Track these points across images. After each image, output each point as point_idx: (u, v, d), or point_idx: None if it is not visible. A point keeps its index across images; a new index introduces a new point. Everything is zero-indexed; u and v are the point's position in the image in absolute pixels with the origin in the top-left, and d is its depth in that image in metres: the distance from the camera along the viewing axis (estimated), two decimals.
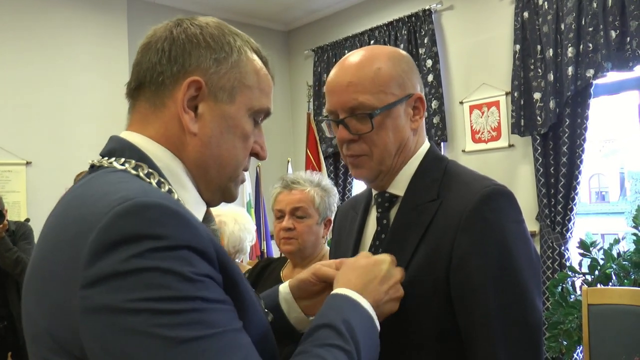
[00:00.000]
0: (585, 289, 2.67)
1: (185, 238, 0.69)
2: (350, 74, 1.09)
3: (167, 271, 0.66)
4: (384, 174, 1.12)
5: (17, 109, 4.64)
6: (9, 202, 4.25)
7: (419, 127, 1.14)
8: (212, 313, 0.68)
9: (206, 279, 0.70)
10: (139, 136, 0.85)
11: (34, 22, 4.74)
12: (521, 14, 3.98)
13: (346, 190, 5.22)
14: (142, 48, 0.89)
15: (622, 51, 3.47)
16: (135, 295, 0.64)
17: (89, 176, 0.82)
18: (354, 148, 1.10)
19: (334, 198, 2.01)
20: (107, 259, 0.66)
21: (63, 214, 0.76)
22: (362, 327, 0.88)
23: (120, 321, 0.64)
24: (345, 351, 0.82)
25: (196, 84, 0.83)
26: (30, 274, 0.78)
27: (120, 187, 0.73)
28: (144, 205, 0.69)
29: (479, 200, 1.00)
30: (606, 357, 2.46)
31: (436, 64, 4.52)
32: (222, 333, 0.68)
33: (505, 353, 0.98)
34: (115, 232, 0.67)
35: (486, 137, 4.30)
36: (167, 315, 0.65)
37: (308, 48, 5.57)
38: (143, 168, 0.81)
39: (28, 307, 0.77)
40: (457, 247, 1.00)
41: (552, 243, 3.78)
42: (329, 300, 0.93)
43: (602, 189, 10.87)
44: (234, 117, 0.86)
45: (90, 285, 0.66)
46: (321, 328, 0.85)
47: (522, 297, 0.99)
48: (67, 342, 0.69)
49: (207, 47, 0.85)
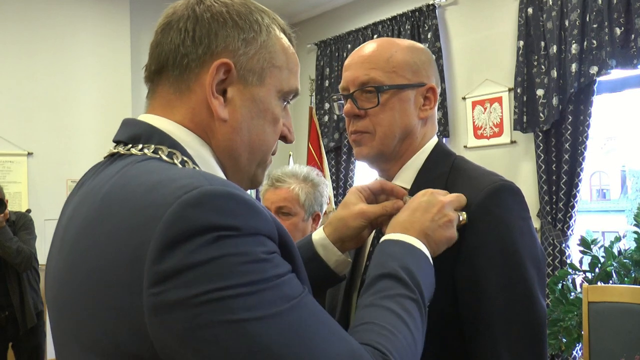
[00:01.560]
0: (585, 287, 2.67)
1: (255, 225, 0.66)
2: (368, 54, 1.12)
3: (240, 255, 0.64)
4: (385, 156, 1.12)
5: (18, 100, 4.64)
6: (10, 193, 4.25)
7: (428, 119, 1.14)
8: (286, 285, 0.67)
9: (275, 255, 0.68)
10: (166, 121, 0.79)
11: (35, 13, 4.73)
12: (525, 10, 3.96)
13: (347, 185, 5.22)
14: (161, 27, 0.81)
15: (626, 48, 3.45)
16: (211, 285, 0.61)
17: (116, 165, 0.76)
18: (358, 124, 1.11)
19: (323, 190, 1.98)
20: (178, 251, 0.62)
21: (107, 208, 0.69)
22: (421, 270, 0.87)
23: (201, 313, 0.61)
24: (411, 299, 0.81)
25: (225, 67, 0.78)
26: (68, 274, 0.72)
27: (174, 174, 0.69)
28: (214, 193, 0.65)
29: (485, 195, 1.00)
30: (606, 354, 2.46)
31: (439, 59, 4.50)
32: (299, 301, 0.67)
33: (508, 349, 0.97)
34: (184, 223, 0.63)
35: (488, 133, 4.29)
36: (249, 296, 0.63)
37: (311, 42, 5.56)
38: (177, 155, 0.76)
39: (70, 310, 0.71)
40: (462, 242, 1.00)
41: (553, 240, 3.78)
42: (382, 247, 0.92)
43: (603, 186, 10.87)
44: (264, 100, 0.82)
45: (161, 281, 0.62)
46: (383, 278, 0.83)
47: (526, 293, 0.99)
48: (131, 343, 0.64)
49: (234, 26, 0.79)
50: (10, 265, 3.39)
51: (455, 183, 1.07)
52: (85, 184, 0.80)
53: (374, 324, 0.76)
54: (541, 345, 1.00)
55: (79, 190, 0.81)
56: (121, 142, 0.80)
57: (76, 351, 0.71)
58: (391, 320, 0.77)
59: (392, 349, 0.73)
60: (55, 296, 0.75)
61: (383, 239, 0.94)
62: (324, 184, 2.01)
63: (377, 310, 0.79)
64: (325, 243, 1.06)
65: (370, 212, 1.05)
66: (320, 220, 2.01)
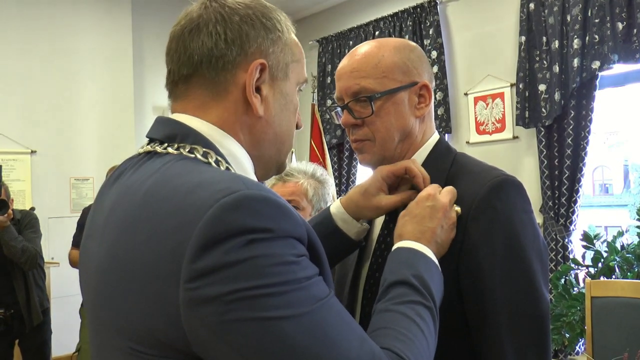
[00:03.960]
0: (588, 282, 2.67)
1: (288, 229, 0.70)
2: (356, 62, 1.12)
3: (272, 256, 0.68)
4: (387, 160, 1.13)
5: (21, 98, 4.65)
6: (14, 191, 4.26)
7: (425, 116, 1.14)
8: (314, 287, 0.71)
9: (304, 258, 0.72)
10: (200, 121, 0.83)
11: (38, 12, 4.74)
12: (527, 5, 3.96)
13: (350, 182, 5.23)
14: (188, 32, 0.83)
15: (628, 43, 3.45)
16: (244, 284, 0.65)
17: (155, 162, 0.79)
18: (357, 133, 1.12)
19: (328, 189, 1.99)
20: (215, 251, 0.66)
21: (150, 205, 0.73)
22: (432, 278, 0.91)
23: (234, 309, 0.65)
24: (423, 305, 0.85)
25: (261, 66, 0.83)
26: (110, 265, 0.75)
27: (211, 176, 0.73)
28: (251, 197, 0.69)
29: (488, 190, 1.01)
30: (608, 349, 2.47)
31: (441, 55, 4.50)
32: (324, 302, 0.71)
33: (512, 342, 0.98)
34: (223, 225, 0.67)
35: (490, 128, 4.29)
36: (278, 296, 0.66)
37: (313, 39, 5.56)
38: (211, 155, 0.80)
39: (110, 300, 0.75)
40: (466, 236, 1.00)
41: (556, 235, 3.79)
42: (395, 255, 0.96)
43: (606, 181, 10.84)
44: (289, 93, 0.88)
45: (197, 278, 0.66)
46: (396, 285, 0.88)
47: (529, 287, 1.00)
48: (167, 335, 0.69)
49: (262, 27, 0.84)
50: (15, 263, 3.40)
51: (456, 178, 1.08)
52: (123, 177, 0.83)
53: (392, 329, 0.81)
54: (545, 338, 1.01)
55: (115, 182, 0.84)
56: (156, 140, 0.84)
57: (114, 339, 0.75)
58: (407, 325, 0.82)
59: (409, 354, 0.78)
60: (95, 286, 0.79)
61: (396, 247, 0.98)
62: (330, 183, 2.03)
63: (393, 315, 0.83)
64: (345, 217, 1.11)
65: (386, 206, 1.09)
66: None
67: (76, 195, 4.87)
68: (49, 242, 4.24)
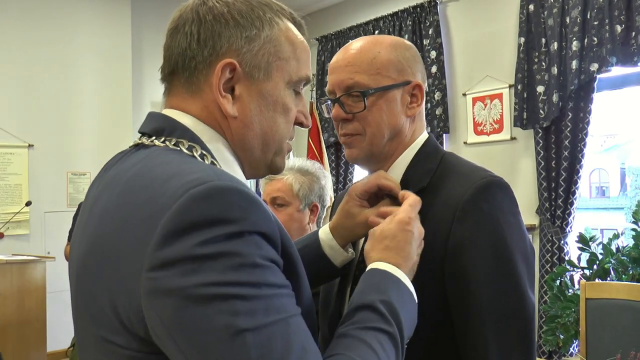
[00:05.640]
0: (583, 283, 2.68)
1: (258, 223, 0.69)
2: (351, 56, 1.11)
3: (238, 256, 0.65)
4: (375, 157, 1.12)
5: (19, 92, 4.64)
6: (11, 185, 4.26)
7: (416, 116, 1.13)
8: (277, 299, 0.68)
9: (272, 264, 0.69)
10: (187, 116, 0.83)
11: (37, 6, 4.73)
12: (527, 6, 3.97)
13: (347, 180, 5.23)
14: (170, 32, 0.84)
15: (627, 46, 3.46)
16: (205, 279, 0.63)
17: (140, 154, 0.80)
18: (347, 127, 1.11)
19: (320, 182, 1.96)
20: (180, 241, 0.65)
21: (128, 194, 0.73)
22: (404, 305, 0.87)
23: (189, 305, 0.63)
24: (387, 333, 0.81)
25: (230, 66, 0.81)
26: (88, 252, 0.76)
27: (188, 167, 0.72)
28: (221, 188, 0.68)
29: (475, 191, 1.00)
30: (602, 351, 2.47)
31: (440, 55, 4.51)
32: (286, 319, 0.68)
33: (496, 343, 0.98)
34: (190, 215, 0.65)
35: (488, 129, 4.29)
36: (237, 300, 0.64)
37: (312, 37, 5.55)
38: (197, 149, 0.79)
39: (86, 286, 0.76)
40: (452, 237, 1.00)
41: (552, 237, 3.80)
42: (369, 277, 0.91)
43: (602, 184, 10.86)
44: (272, 93, 0.84)
45: (159, 267, 0.65)
46: (362, 309, 0.84)
47: (515, 288, 1.00)
48: (131, 322, 0.68)
49: (236, 25, 0.82)
50: None
51: (443, 178, 1.07)
52: (110, 169, 0.84)
53: (345, 355, 0.76)
54: (530, 339, 1.01)
55: (103, 174, 0.85)
56: (145, 134, 0.84)
57: (89, 328, 0.76)
58: (364, 353, 0.77)
59: None
60: (77, 275, 0.80)
61: (372, 267, 0.93)
62: (323, 176, 1.99)
63: (351, 341, 0.79)
64: (332, 244, 1.10)
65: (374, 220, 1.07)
66: (324, 214, 2.00)
67: (73, 189, 4.86)
68: (45, 237, 4.23)
